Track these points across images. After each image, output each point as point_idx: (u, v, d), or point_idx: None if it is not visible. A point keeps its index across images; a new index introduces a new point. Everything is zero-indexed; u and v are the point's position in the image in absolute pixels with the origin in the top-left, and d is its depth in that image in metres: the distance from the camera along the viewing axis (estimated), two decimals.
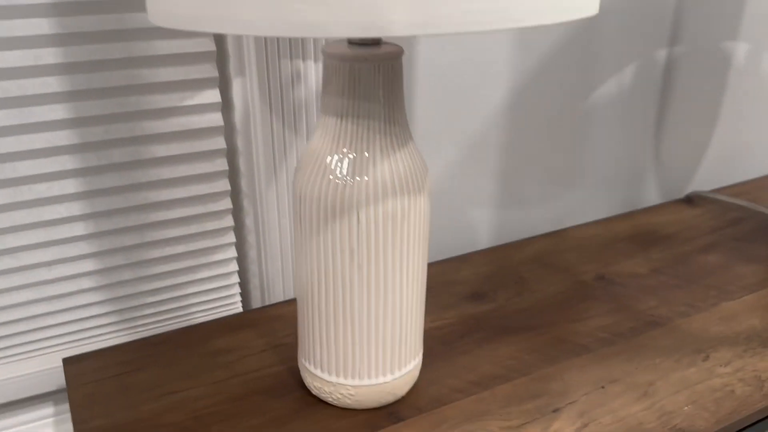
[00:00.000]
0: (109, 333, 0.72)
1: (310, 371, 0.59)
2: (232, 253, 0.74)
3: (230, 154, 0.73)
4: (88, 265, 0.68)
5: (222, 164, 0.69)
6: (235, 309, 0.77)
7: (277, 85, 0.69)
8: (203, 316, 0.75)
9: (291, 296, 0.78)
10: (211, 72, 0.67)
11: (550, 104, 0.91)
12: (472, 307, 0.75)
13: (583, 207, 1.02)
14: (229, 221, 0.72)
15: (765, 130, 1.17)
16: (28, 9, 0.57)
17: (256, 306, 0.79)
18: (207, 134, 0.68)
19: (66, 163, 0.63)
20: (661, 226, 0.94)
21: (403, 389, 0.59)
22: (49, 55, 0.59)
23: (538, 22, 0.41)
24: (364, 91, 0.50)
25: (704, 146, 1.10)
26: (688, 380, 0.63)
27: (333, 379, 0.57)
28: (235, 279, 0.75)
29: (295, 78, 0.69)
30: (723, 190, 1.05)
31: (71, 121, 0.62)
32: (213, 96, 0.67)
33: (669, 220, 0.96)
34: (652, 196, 1.08)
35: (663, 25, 0.95)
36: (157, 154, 0.66)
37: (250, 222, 0.75)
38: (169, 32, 0.63)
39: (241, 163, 0.72)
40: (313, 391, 0.59)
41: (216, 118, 0.68)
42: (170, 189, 0.68)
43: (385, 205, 0.51)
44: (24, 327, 0.67)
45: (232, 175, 0.74)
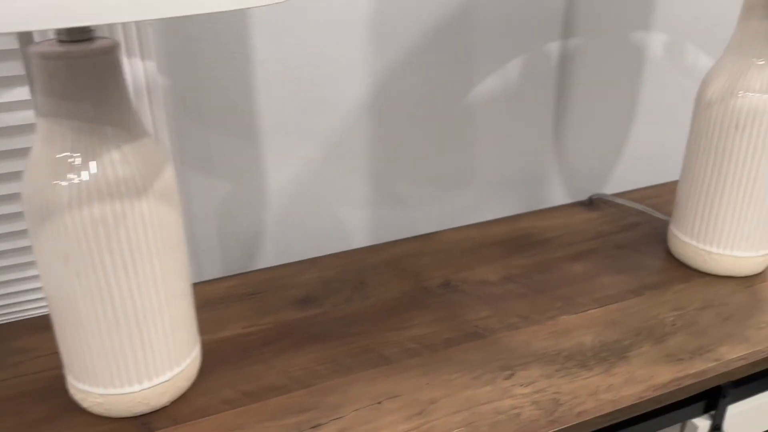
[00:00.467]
0: None
1: (67, 378, 0.57)
2: None
3: None
4: None
5: None
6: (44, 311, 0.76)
7: None
8: (13, 317, 0.75)
9: None
10: (20, 70, 0.66)
11: (421, 100, 0.87)
12: (294, 313, 0.72)
13: (479, 208, 0.98)
14: None
15: (686, 128, 1.09)
16: None
17: None
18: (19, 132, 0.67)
19: None
20: (542, 231, 0.89)
21: (158, 399, 0.57)
22: None
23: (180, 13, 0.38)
24: (67, 91, 0.48)
25: (619, 145, 1.03)
26: (476, 399, 0.59)
27: (81, 386, 0.56)
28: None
29: None
30: (628, 193, 0.99)
31: None
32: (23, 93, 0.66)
33: (556, 224, 0.90)
34: (558, 198, 1.02)
35: (553, 12, 0.89)
36: None
37: None
38: None
39: None
40: (73, 397, 0.58)
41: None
42: None
43: (92, 210, 0.49)
44: None
45: None
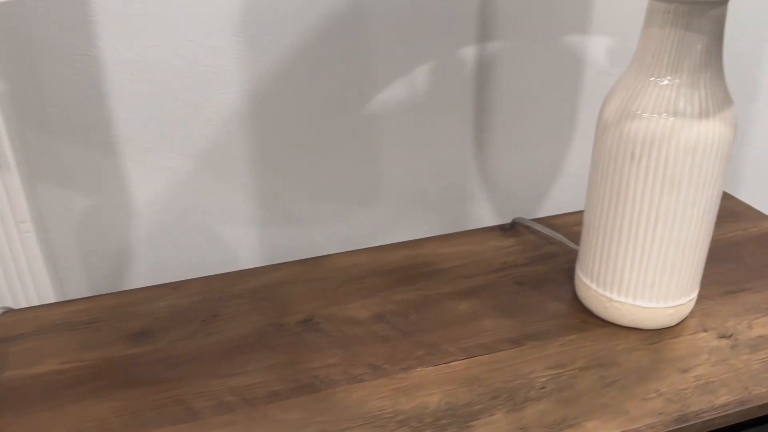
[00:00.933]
0: None
1: None
2: None
3: None
4: None
5: None
6: None
7: None
8: None
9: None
10: None
11: (311, 109, 0.77)
12: (123, 348, 0.65)
13: (394, 228, 0.88)
14: None
15: None
16: None
17: None
18: None
19: None
20: (442, 259, 0.78)
21: None
22: None
23: None
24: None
25: (553, 163, 0.91)
26: None
27: None
28: None
29: None
30: (553, 218, 0.87)
31: None
32: None
33: (462, 251, 0.80)
34: (485, 219, 0.92)
35: (467, 12, 0.79)
36: None
37: None
38: None
39: None
40: None
41: None
42: None
43: None
44: None
45: None
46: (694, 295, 0.65)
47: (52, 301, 0.76)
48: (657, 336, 0.65)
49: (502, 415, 0.56)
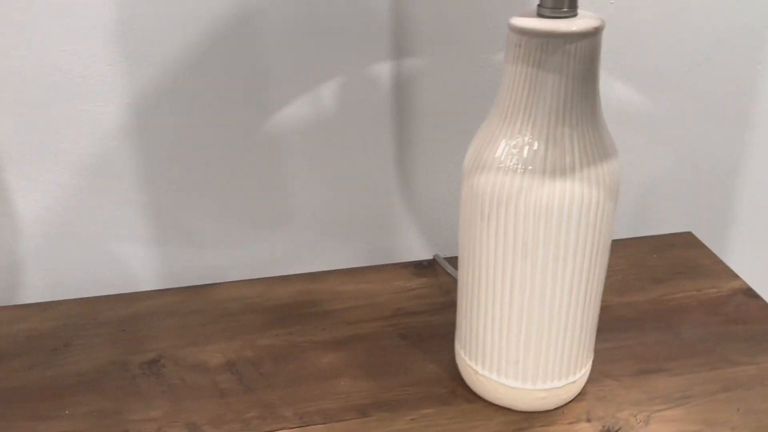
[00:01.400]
0: None
1: None
2: None
3: None
4: None
5: None
6: None
7: None
8: None
9: None
10: None
11: (201, 125, 0.71)
12: None
13: (304, 254, 0.81)
14: None
15: None
16: None
17: None
18: None
19: None
20: (335, 298, 0.71)
21: None
22: None
23: None
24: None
25: None
26: None
27: None
28: None
29: None
30: None
31: None
32: None
33: (361, 290, 0.72)
34: (414, 252, 0.83)
35: (376, 23, 0.70)
36: None
37: None
38: None
39: None
40: None
41: None
42: None
43: None
44: None
45: None
46: (577, 377, 0.55)
47: None
48: (528, 420, 0.55)
49: None
